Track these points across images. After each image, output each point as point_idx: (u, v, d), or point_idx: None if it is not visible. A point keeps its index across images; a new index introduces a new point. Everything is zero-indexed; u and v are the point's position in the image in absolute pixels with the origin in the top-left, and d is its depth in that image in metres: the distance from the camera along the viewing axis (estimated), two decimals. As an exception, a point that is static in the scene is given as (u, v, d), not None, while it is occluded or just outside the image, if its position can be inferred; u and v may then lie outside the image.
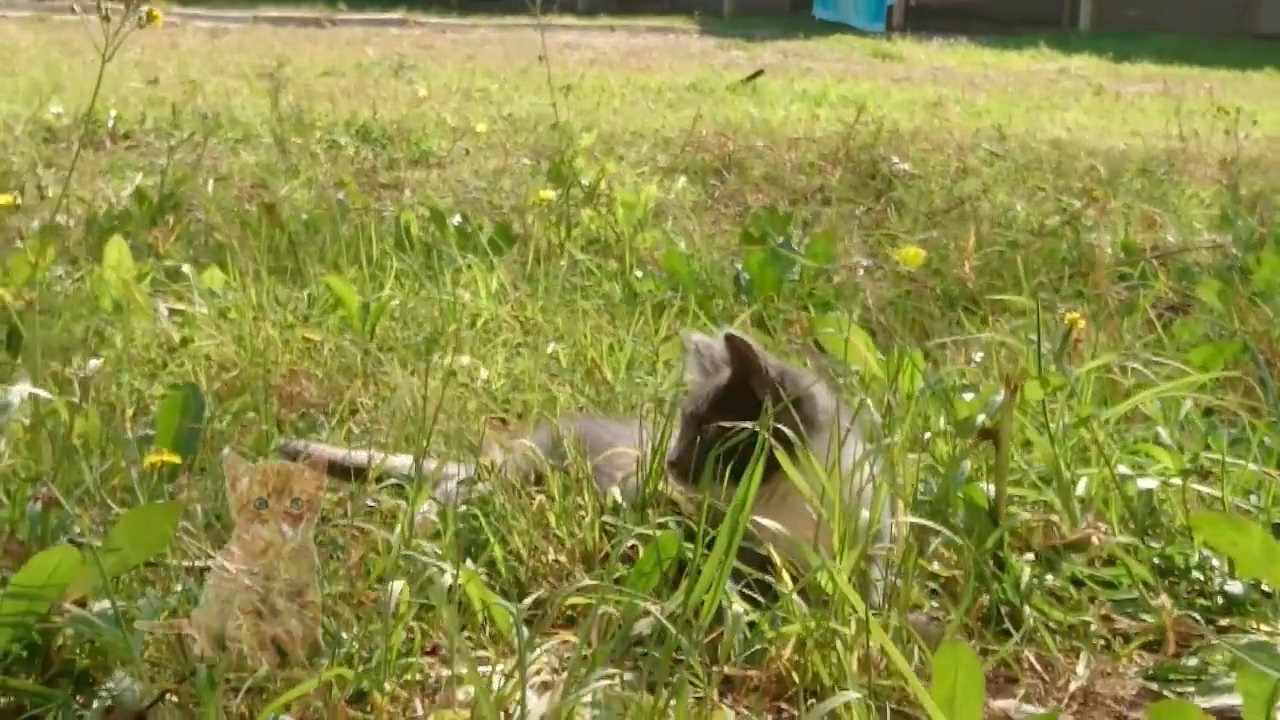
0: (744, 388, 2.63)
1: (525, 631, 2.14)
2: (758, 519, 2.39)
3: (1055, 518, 2.80)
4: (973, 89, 13.54)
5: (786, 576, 2.39)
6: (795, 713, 2.24)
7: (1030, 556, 2.73)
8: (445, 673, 2.29)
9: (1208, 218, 6.23)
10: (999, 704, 2.33)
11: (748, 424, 2.51)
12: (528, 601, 2.35)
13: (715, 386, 2.68)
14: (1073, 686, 2.41)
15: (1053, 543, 2.76)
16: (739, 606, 2.32)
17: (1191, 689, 2.39)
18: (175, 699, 2.15)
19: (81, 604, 2.23)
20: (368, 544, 2.60)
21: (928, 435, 3.05)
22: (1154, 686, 2.42)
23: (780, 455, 2.45)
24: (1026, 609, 2.56)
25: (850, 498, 2.45)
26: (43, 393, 2.62)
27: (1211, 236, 5.68)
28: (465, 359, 3.84)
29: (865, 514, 2.47)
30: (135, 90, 10.02)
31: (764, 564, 2.41)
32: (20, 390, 2.69)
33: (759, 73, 13.14)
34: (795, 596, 2.34)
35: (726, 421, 2.55)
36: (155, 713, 2.12)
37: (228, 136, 7.95)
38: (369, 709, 2.19)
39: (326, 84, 11.17)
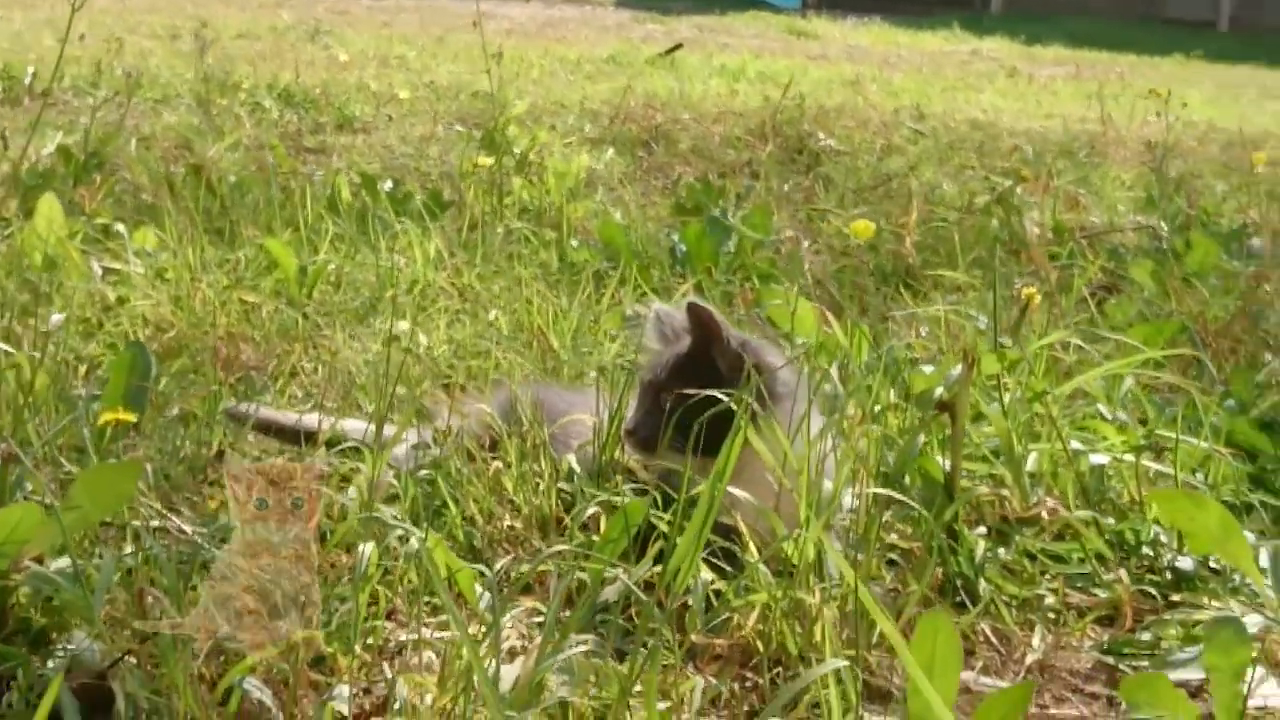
0: (705, 357, 2.62)
1: (498, 597, 2.13)
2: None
3: (1006, 492, 2.82)
4: (888, 68, 13.63)
5: (753, 545, 2.39)
6: (759, 680, 2.24)
7: (982, 530, 2.75)
8: (403, 636, 2.28)
9: (1130, 200, 6.30)
10: (957, 675, 2.34)
11: (708, 391, 2.50)
12: (501, 564, 2.33)
13: (675, 354, 2.66)
14: (1029, 659, 2.43)
15: (1004, 516, 2.78)
16: (706, 574, 2.32)
17: (1145, 663, 2.41)
18: (134, 660, 2.11)
19: (38, 562, 2.19)
20: (323, 508, 2.57)
21: (877, 408, 3.05)
22: (1109, 660, 2.43)
23: (744, 424, 2.45)
24: (982, 582, 2.58)
25: (813, 468, 2.45)
26: (4, 346, 2.57)
27: (1137, 218, 5.74)
28: (405, 324, 3.81)
29: (828, 485, 2.47)
30: (51, 48, 9.85)
31: (727, 532, 2.41)
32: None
33: (678, 46, 13.13)
34: (761, 565, 2.34)
35: (686, 390, 2.55)
36: (115, 673, 2.08)
37: (147, 96, 7.83)
38: (328, 672, 2.17)
39: (242, 47, 11.06)
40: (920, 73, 13.37)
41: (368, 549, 2.23)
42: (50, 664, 2.09)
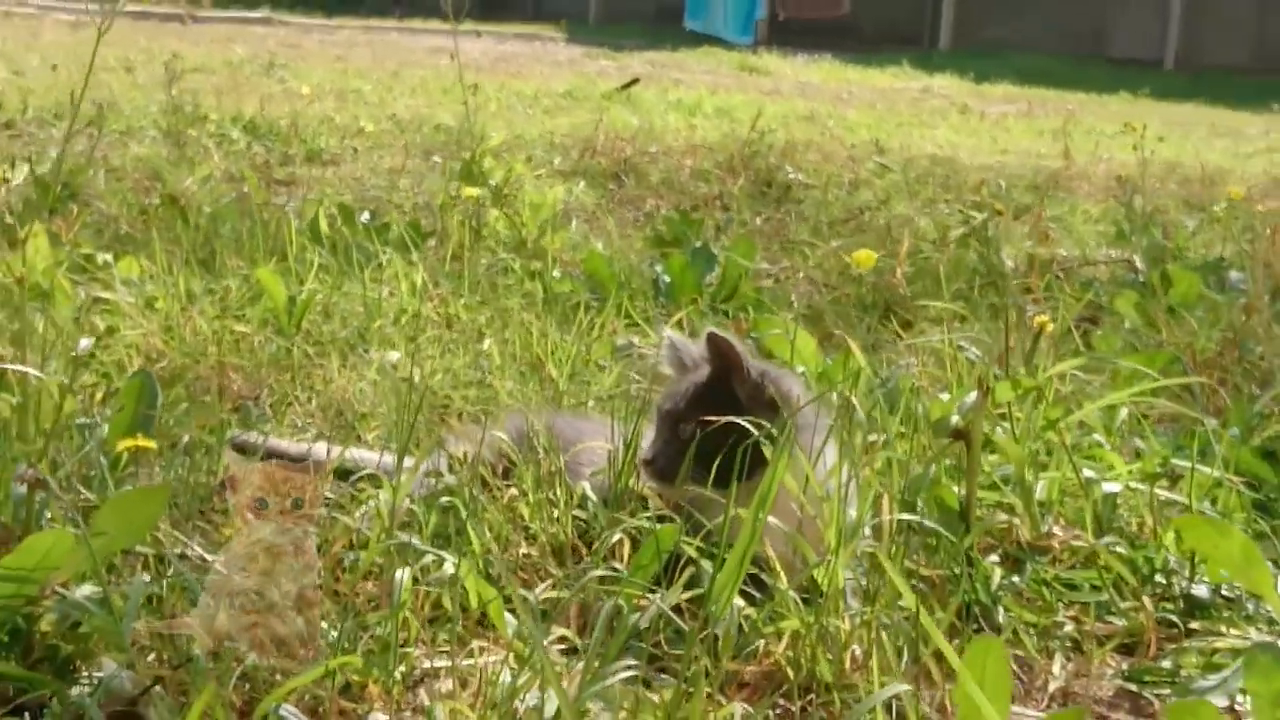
0: (724, 386, 2.62)
1: (539, 624, 2.11)
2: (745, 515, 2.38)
3: (1017, 519, 2.82)
4: (841, 104, 13.68)
5: (782, 573, 2.38)
6: (791, 707, 2.23)
7: (995, 558, 2.75)
8: (428, 664, 2.27)
9: (1099, 234, 6.35)
10: (982, 703, 2.33)
11: (732, 418, 2.50)
12: (539, 590, 2.31)
13: (694, 384, 2.66)
14: (1051, 687, 2.43)
15: (1017, 542, 2.78)
16: (738, 601, 2.31)
17: (1168, 690, 2.42)
18: (161, 689, 2.08)
19: (63, 588, 2.16)
20: (341, 535, 2.55)
21: (885, 436, 3.05)
22: (1131, 688, 2.44)
23: (768, 452, 2.45)
24: (1000, 610, 2.58)
25: (839, 496, 2.45)
26: (33, 371, 2.54)
27: (1109, 251, 5.78)
28: (396, 354, 3.80)
29: (851, 513, 2.47)
30: (5, 79, 9.80)
31: (755, 559, 2.40)
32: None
33: (634, 81, 13.14)
34: (790, 592, 2.33)
35: (706, 419, 2.54)
36: (147, 701, 2.05)
37: (112, 128, 7.77)
38: (357, 699, 2.15)
39: (199, 80, 10.99)
40: (874, 109, 13.43)
41: (404, 575, 2.22)
42: (74, 691, 2.06)
